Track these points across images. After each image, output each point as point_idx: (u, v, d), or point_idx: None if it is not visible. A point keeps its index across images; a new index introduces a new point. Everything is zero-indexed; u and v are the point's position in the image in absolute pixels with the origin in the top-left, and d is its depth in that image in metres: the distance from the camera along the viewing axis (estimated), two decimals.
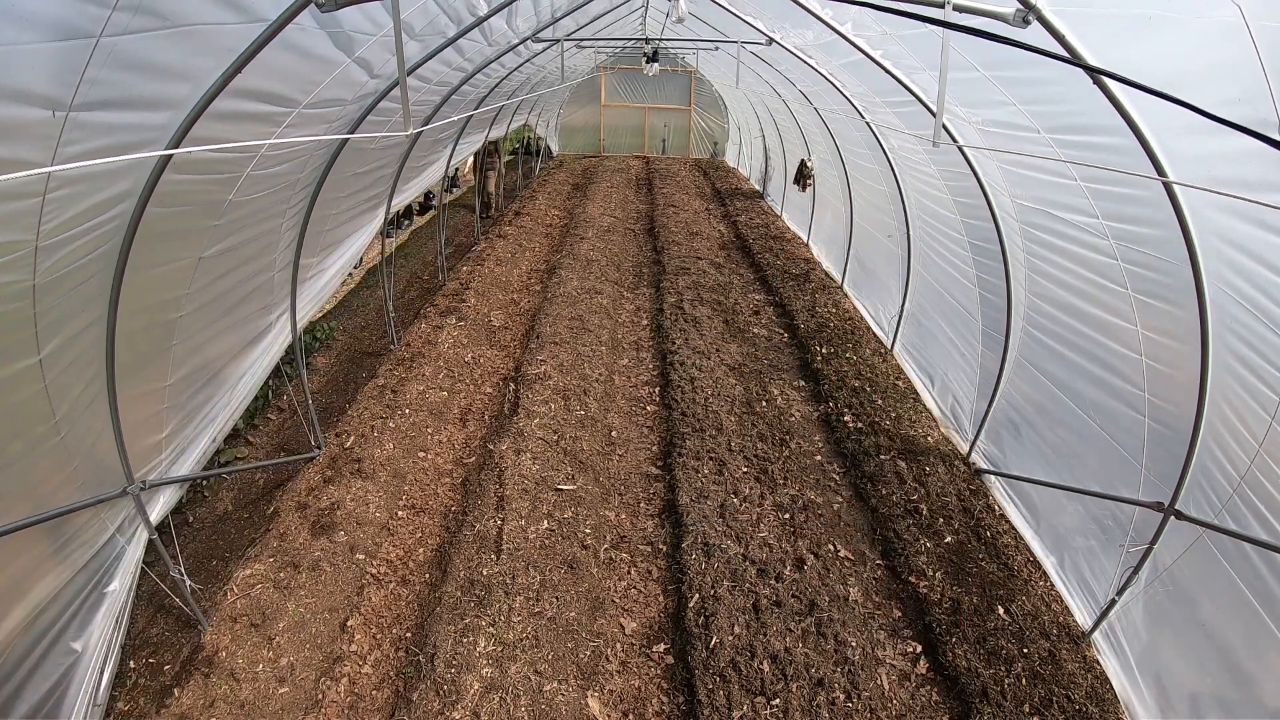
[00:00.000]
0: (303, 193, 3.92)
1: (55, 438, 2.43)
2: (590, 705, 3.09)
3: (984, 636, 3.39)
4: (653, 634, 3.58)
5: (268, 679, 3.12)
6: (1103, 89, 2.39)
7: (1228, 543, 2.62)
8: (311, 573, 3.66)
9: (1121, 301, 3.09)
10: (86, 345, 2.53)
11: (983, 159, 4.04)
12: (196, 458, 3.45)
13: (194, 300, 3.07)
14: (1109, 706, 3.03)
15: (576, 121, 19.21)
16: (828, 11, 4.17)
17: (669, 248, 9.95)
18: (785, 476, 4.70)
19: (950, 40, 2.39)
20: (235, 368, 3.82)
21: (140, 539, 3.04)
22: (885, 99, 5.23)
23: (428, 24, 3.55)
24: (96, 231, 2.20)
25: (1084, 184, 3.02)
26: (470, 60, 5.16)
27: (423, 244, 10.70)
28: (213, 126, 2.36)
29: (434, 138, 6.98)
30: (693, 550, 3.94)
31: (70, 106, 1.69)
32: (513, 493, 4.32)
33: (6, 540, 2.26)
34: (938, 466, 4.71)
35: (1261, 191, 1.96)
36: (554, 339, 6.58)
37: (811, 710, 3.01)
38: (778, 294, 8.27)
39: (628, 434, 5.40)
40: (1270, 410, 2.29)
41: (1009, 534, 4.06)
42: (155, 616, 3.51)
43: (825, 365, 6.28)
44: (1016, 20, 2.16)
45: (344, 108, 3.51)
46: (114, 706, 3.00)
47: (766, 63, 8.56)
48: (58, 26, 1.54)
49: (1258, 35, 1.73)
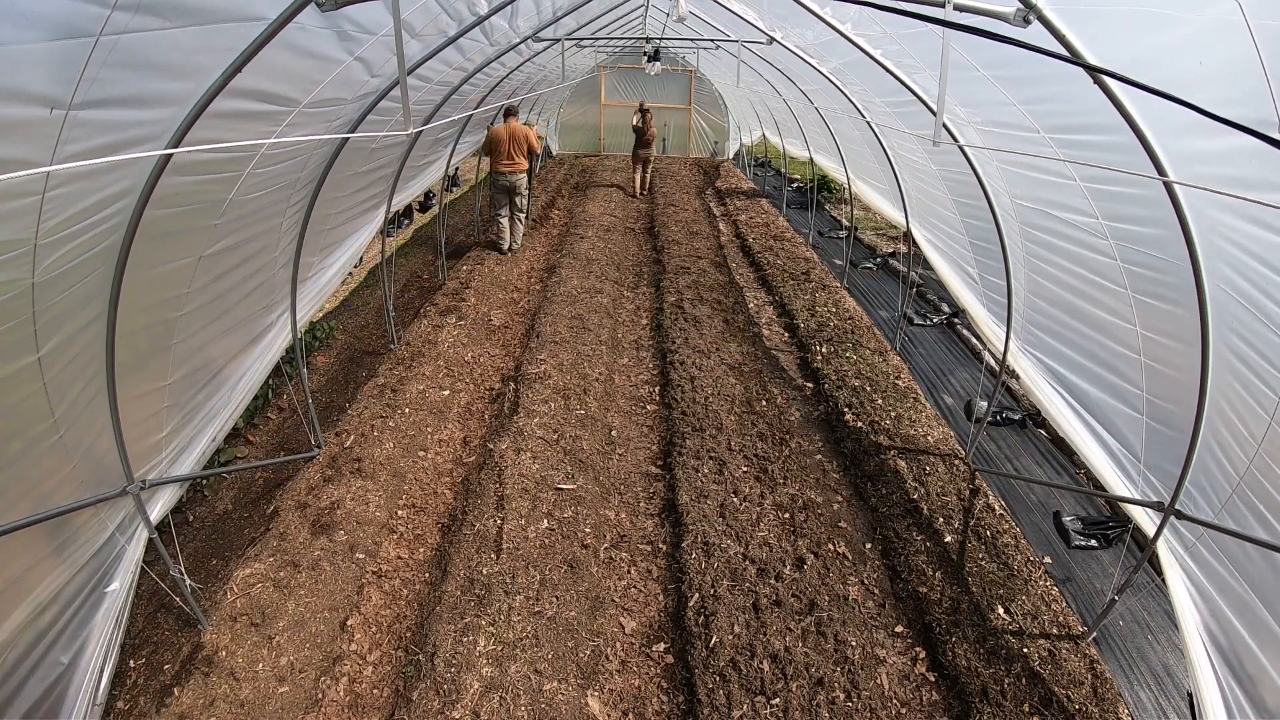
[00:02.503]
0: (303, 192, 3.92)
1: (54, 436, 2.43)
2: (590, 704, 3.09)
3: (984, 636, 3.39)
4: (653, 633, 3.58)
5: (268, 678, 3.12)
6: (1103, 88, 2.38)
7: (1229, 542, 2.62)
8: (311, 572, 3.66)
9: (1121, 301, 3.09)
10: (86, 344, 2.53)
11: (983, 159, 4.04)
12: (196, 457, 3.45)
13: (194, 299, 3.07)
14: (1109, 706, 3.02)
15: (576, 121, 19.20)
16: (828, 10, 4.17)
17: (669, 246, 9.95)
18: (785, 476, 4.70)
19: (950, 40, 2.39)
20: (235, 367, 3.82)
21: (140, 538, 3.04)
22: (886, 98, 5.23)
23: (428, 23, 3.55)
24: (96, 230, 2.20)
25: (1083, 184, 3.02)
26: (471, 60, 5.16)
27: (423, 243, 10.69)
28: (213, 125, 2.36)
29: (434, 137, 6.98)
30: (693, 549, 3.94)
31: (70, 105, 1.69)
32: (513, 492, 4.32)
33: (6, 540, 2.26)
34: (937, 466, 4.71)
35: (1262, 191, 1.96)
36: (554, 338, 6.58)
37: (811, 710, 3.01)
38: (778, 293, 8.27)
39: (628, 433, 5.40)
40: (1270, 410, 2.29)
41: (1009, 533, 4.06)
42: (155, 616, 3.51)
43: (825, 364, 6.28)
44: (1017, 20, 2.15)
45: (344, 107, 3.51)
46: (113, 706, 3.00)
47: (767, 62, 8.56)
48: (57, 25, 1.54)
49: (1258, 34, 1.72)
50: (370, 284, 8.74)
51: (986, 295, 4.87)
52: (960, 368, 6.55)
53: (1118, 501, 3.65)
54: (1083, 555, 4.09)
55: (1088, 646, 3.33)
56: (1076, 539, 4.17)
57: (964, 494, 4.45)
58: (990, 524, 4.15)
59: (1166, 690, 3.27)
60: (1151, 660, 3.42)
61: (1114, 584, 3.59)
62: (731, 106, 17.78)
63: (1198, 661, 2.67)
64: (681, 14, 3.93)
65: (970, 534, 4.07)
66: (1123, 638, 3.53)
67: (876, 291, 8.67)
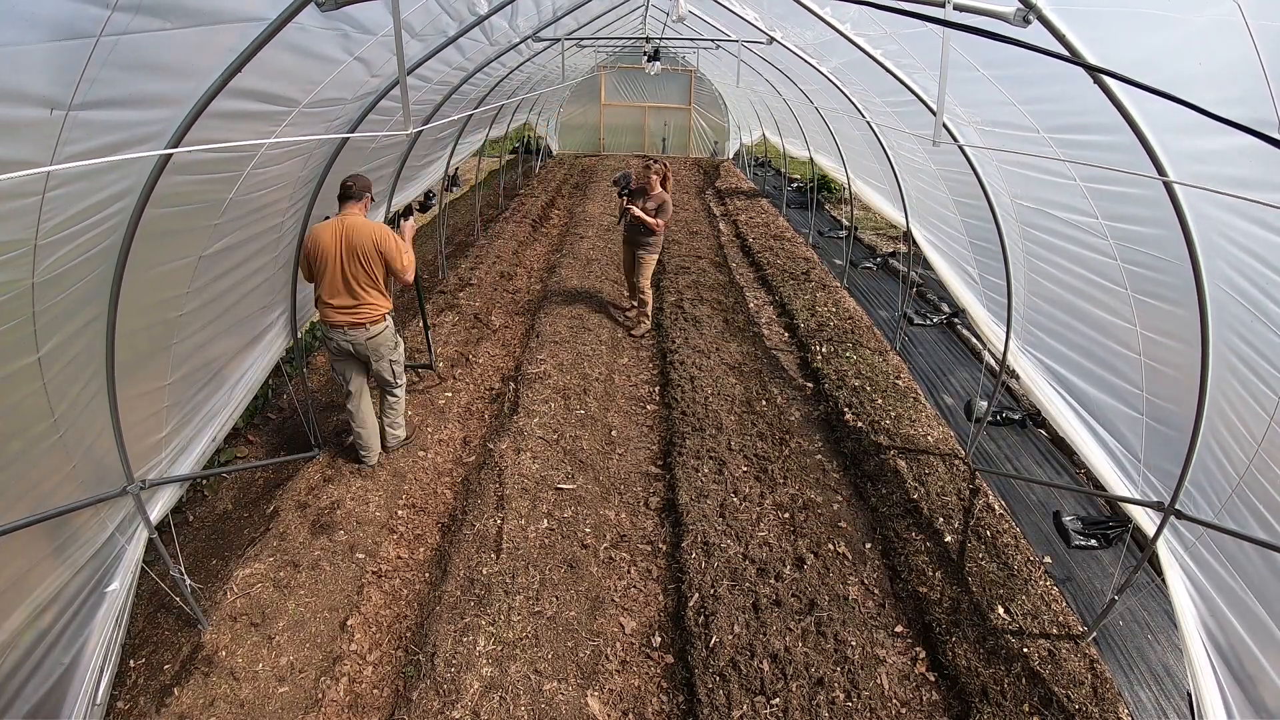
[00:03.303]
0: (303, 191, 3.92)
1: (54, 436, 2.43)
2: (590, 704, 3.09)
3: (984, 636, 3.39)
4: (652, 633, 3.59)
5: (268, 678, 3.12)
6: (1103, 88, 2.38)
7: (1229, 542, 2.62)
8: (311, 572, 3.66)
9: (1121, 301, 3.09)
10: (86, 344, 2.52)
11: (983, 158, 4.04)
12: (196, 457, 3.45)
13: (194, 299, 3.08)
14: (1109, 706, 3.02)
15: (576, 120, 19.21)
16: (828, 10, 4.17)
17: (669, 246, 9.95)
18: (785, 475, 4.70)
19: (950, 39, 2.39)
20: (235, 367, 3.82)
21: (140, 538, 3.04)
22: (886, 98, 5.23)
23: (428, 23, 3.55)
24: (96, 230, 2.20)
25: (1083, 184, 3.02)
26: (471, 59, 5.15)
27: (423, 242, 10.69)
28: (213, 125, 2.36)
29: (434, 137, 6.98)
30: (693, 549, 3.94)
31: (70, 105, 1.69)
32: (513, 492, 4.32)
33: (6, 540, 2.26)
34: (937, 465, 4.71)
35: (1262, 191, 1.96)
36: (554, 337, 6.58)
37: (811, 709, 3.01)
38: (778, 293, 8.27)
39: (628, 433, 5.40)
40: (1270, 410, 2.29)
41: (1009, 533, 4.06)
42: (155, 616, 3.51)
43: (825, 364, 6.28)
44: (1017, 19, 2.15)
45: (344, 107, 3.51)
46: (114, 706, 3.00)
47: (767, 61, 8.56)
48: (57, 26, 1.54)
49: (1257, 35, 1.72)
50: None
51: (986, 295, 4.87)
52: (960, 367, 6.55)
53: (1118, 501, 3.65)
54: (1083, 555, 4.09)
55: (1088, 646, 3.33)
56: (1076, 539, 4.17)
57: (964, 494, 4.45)
58: (990, 524, 4.15)
59: (1166, 690, 3.27)
60: (1151, 660, 3.42)
61: (1114, 584, 3.59)
62: (731, 106, 17.78)
63: (1197, 661, 2.67)
64: (681, 14, 3.93)
65: (970, 534, 4.07)
66: (1123, 637, 3.53)
67: (876, 291, 8.67)
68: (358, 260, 3.93)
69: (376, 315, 4.14)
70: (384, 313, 4.18)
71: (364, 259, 3.94)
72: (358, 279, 3.98)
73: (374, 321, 4.15)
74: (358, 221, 3.95)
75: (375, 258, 3.98)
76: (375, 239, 3.95)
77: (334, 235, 3.91)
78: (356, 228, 3.92)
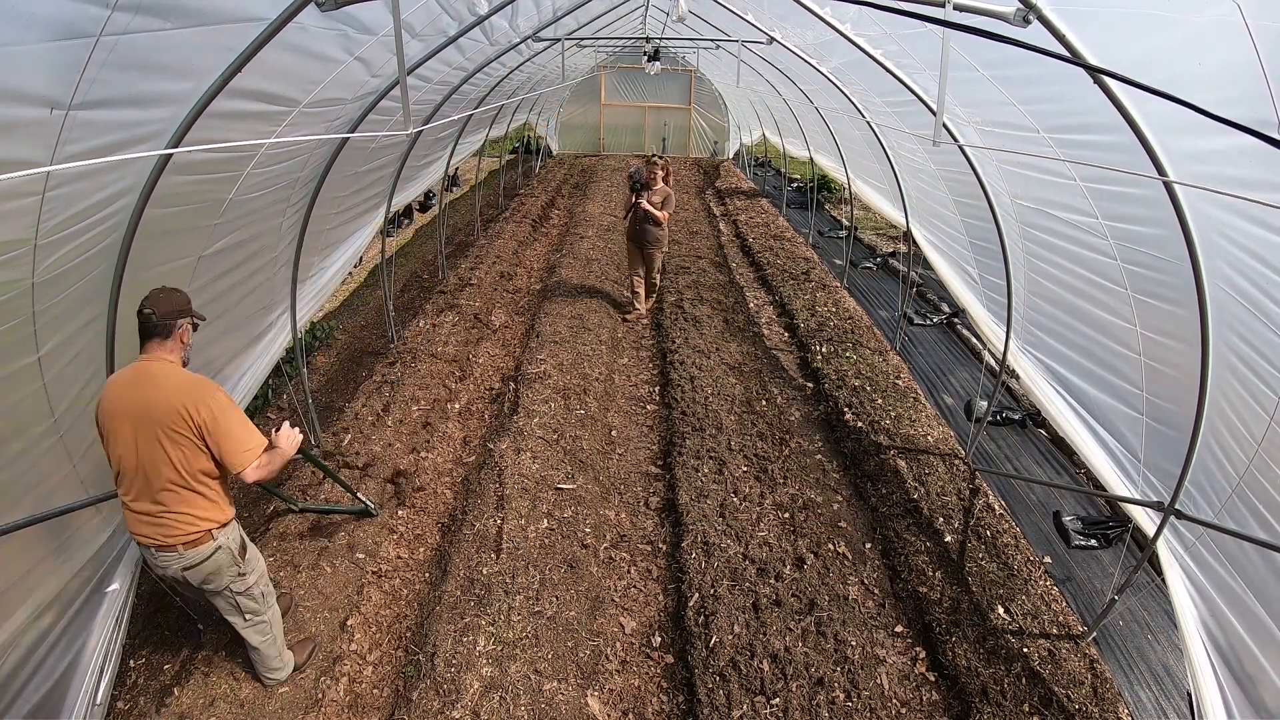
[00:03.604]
0: (303, 191, 3.92)
1: (54, 437, 2.43)
2: (590, 704, 3.09)
3: (984, 636, 3.39)
4: (652, 633, 3.59)
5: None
6: (1103, 88, 2.38)
7: (1229, 542, 2.63)
8: (311, 572, 3.66)
9: (1121, 301, 3.09)
10: (86, 343, 2.53)
11: (983, 158, 4.04)
12: None
13: (194, 299, 3.07)
14: (1109, 706, 3.02)
15: (576, 120, 19.20)
16: (828, 10, 4.17)
17: (669, 246, 9.94)
18: (785, 475, 4.70)
19: (950, 40, 2.39)
20: (235, 367, 3.82)
21: None
22: (886, 98, 5.23)
23: (428, 23, 3.55)
24: (96, 229, 2.20)
25: (1083, 184, 3.02)
26: (471, 59, 5.16)
27: (423, 242, 10.70)
28: (213, 125, 2.36)
29: (434, 137, 6.98)
30: (692, 549, 3.94)
31: (70, 105, 1.69)
32: (512, 492, 4.32)
33: (6, 540, 2.26)
34: (937, 465, 4.71)
35: (1262, 191, 1.96)
36: (554, 338, 6.58)
37: (811, 709, 3.01)
38: (778, 293, 8.27)
39: (628, 433, 5.41)
40: (1270, 410, 2.29)
41: (1009, 533, 4.06)
42: (155, 616, 3.51)
43: (825, 364, 6.28)
44: (1017, 20, 2.15)
45: (344, 107, 3.51)
46: (114, 706, 3.00)
47: (767, 61, 8.56)
48: (58, 26, 1.54)
49: (1257, 35, 1.72)
50: (370, 284, 8.75)
51: (986, 295, 4.87)
52: (960, 367, 6.55)
53: (1118, 501, 3.65)
54: (1083, 555, 4.09)
55: (1088, 646, 3.33)
56: (1076, 539, 4.17)
57: (964, 494, 4.45)
58: (990, 524, 4.15)
59: (1166, 690, 3.28)
60: (1151, 660, 3.42)
61: (1114, 584, 3.59)
62: (731, 106, 17.78)
63: (1197, 661, 2.67)
64: (681, 14, 3.93)
65: (970, 534, 4.07)
66: (1123, 637, 3.53)
67: (876, 291, 8.67)
68: (157, 440, 2.33)
69: (194, 532, 2.47)
70: (208, 529, 2.50)
71: (166, 437, 2.33)
72: (158, 471, 2.36)
73: (190, 542, 2.47)
74: (160, 373, 2.36)
75: (188, 437, 2.35)
76: (187, 405, 2.32)
77: (122, 394, 2.34)
78: (157, 383, 2.33)
